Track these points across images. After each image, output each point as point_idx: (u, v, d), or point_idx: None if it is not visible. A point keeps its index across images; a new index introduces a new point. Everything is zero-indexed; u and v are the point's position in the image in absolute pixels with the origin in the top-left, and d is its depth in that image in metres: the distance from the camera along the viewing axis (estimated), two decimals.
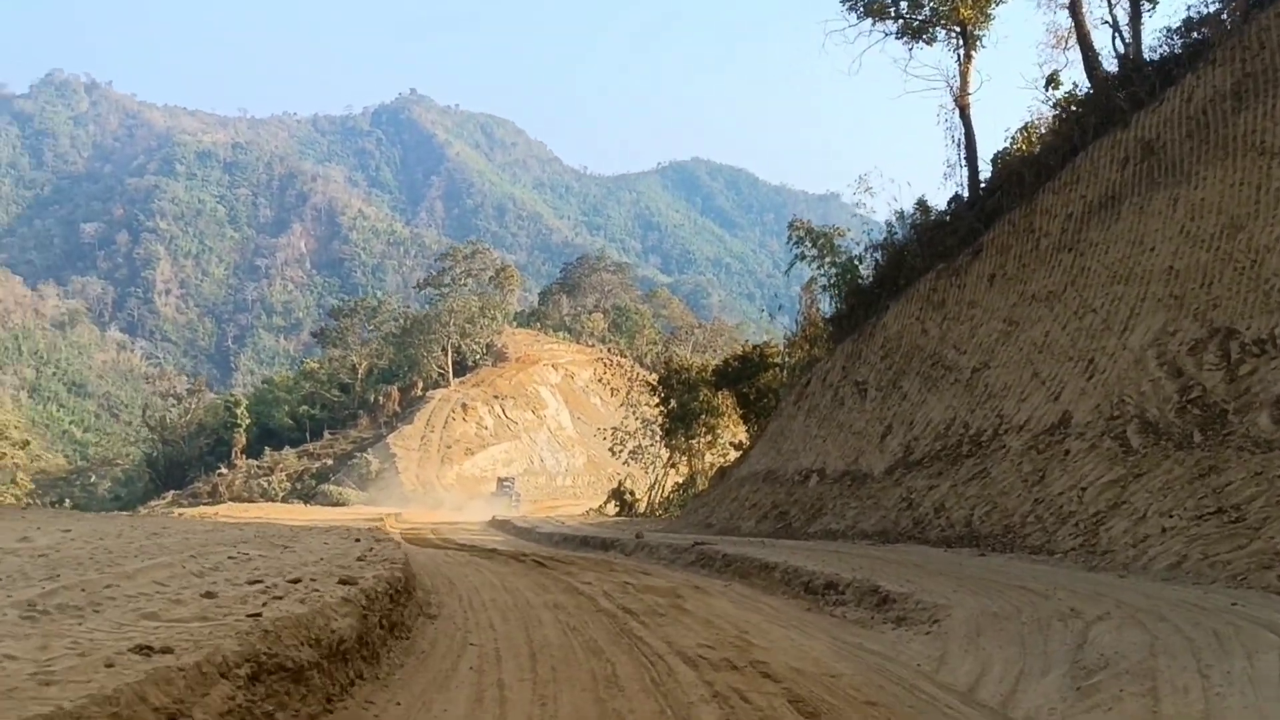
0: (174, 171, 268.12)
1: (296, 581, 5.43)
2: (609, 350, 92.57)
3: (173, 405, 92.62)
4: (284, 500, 66.16)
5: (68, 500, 67.75)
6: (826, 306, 26.05)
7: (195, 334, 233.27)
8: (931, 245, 20.01)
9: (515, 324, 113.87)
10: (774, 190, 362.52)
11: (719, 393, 36.46)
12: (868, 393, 19.71)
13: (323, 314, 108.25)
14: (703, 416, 38.21)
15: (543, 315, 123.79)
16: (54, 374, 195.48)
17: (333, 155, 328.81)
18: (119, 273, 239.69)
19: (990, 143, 22.99)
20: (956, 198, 21.29)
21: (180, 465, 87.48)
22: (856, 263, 23.92)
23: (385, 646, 5.59)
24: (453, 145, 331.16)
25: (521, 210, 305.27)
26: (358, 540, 11.51)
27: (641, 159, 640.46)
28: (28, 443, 32.52)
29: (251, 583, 5.39)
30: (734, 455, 38.73)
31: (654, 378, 45.48)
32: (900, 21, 22.68)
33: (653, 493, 45.91)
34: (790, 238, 26.11)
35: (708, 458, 39.41)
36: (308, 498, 68.04)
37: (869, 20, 22.86)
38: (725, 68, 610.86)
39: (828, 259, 24.93)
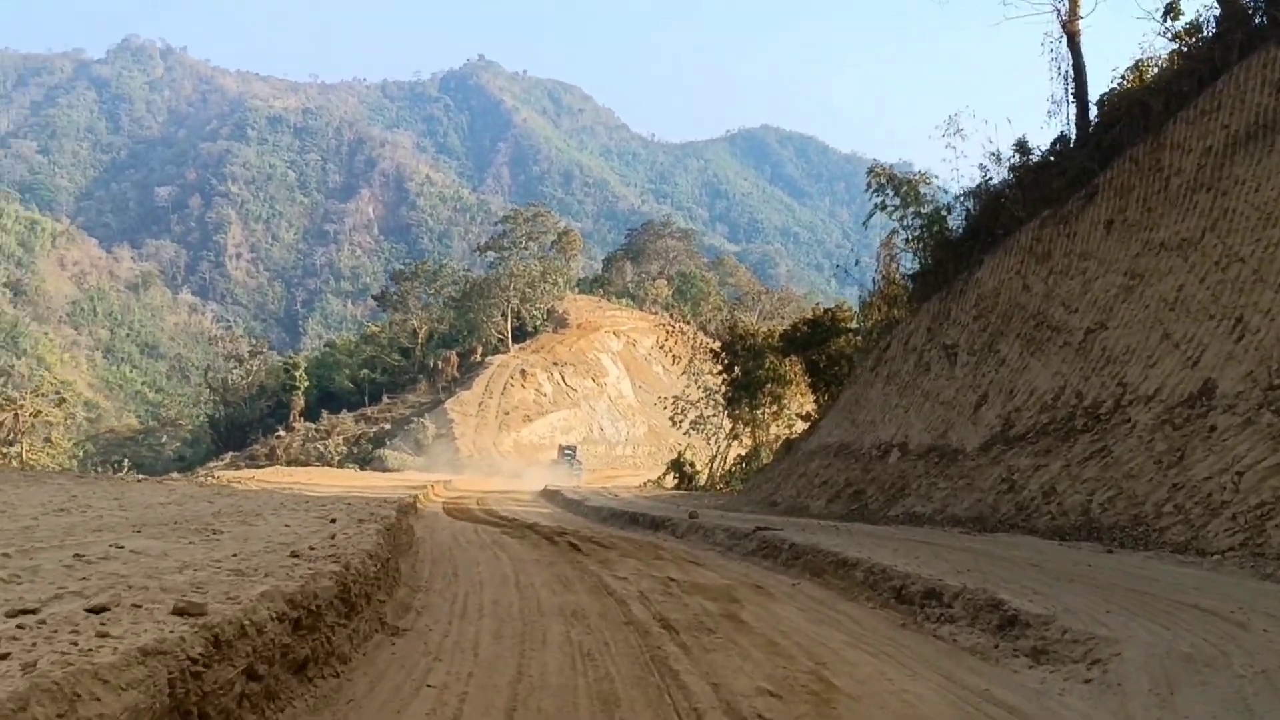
0: (246, 136, 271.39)
1: (100, 611, 3.41)
2: (672, 316, 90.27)
3: (234, 367, 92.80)
4: (339, 464, 65.40)
5: (126, 461, 67.91)
6: (909, 263, 23.58)
7: (265, 298, 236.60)
8: (1034, 190, 17.41)
9: (578, 290, 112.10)
10: (844, 159, 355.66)
11: (786, 359, 34.08)
12: (958, 357, 17.25)
13: (388, 279, 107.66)
14: (768, 385, 35.84)
15: (606, 281, 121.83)
16: (127, 335, 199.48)
17: (401, 121, 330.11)
18: (191, 236, 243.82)
19: (1096, 84, 20.48)
20: (1062, 137, 18.60)
21: (241, 427, 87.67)
22: (944, 213, 21.36)
23: (270, 702, 3.59)
24: (520, 111, 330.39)
25: (588, 177, 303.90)
26: (333, 520, 9.57)
27: (710, 126, 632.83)
28: (64, 400, 31.60)
29: (25, 612, 3.40)
30: (801, 427, 36.37)
31: (717, 344, 43.11)
32: None
33: (714, 465, 43.72)
34: (869, 185, 23.52)
35: (773, 429, 37.06)
36: (364, 462, 67.23)
37: None
38: (797, 29, 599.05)
39: (911, 209, 22.37)
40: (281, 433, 77.09)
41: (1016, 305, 16.37)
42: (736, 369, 37.58)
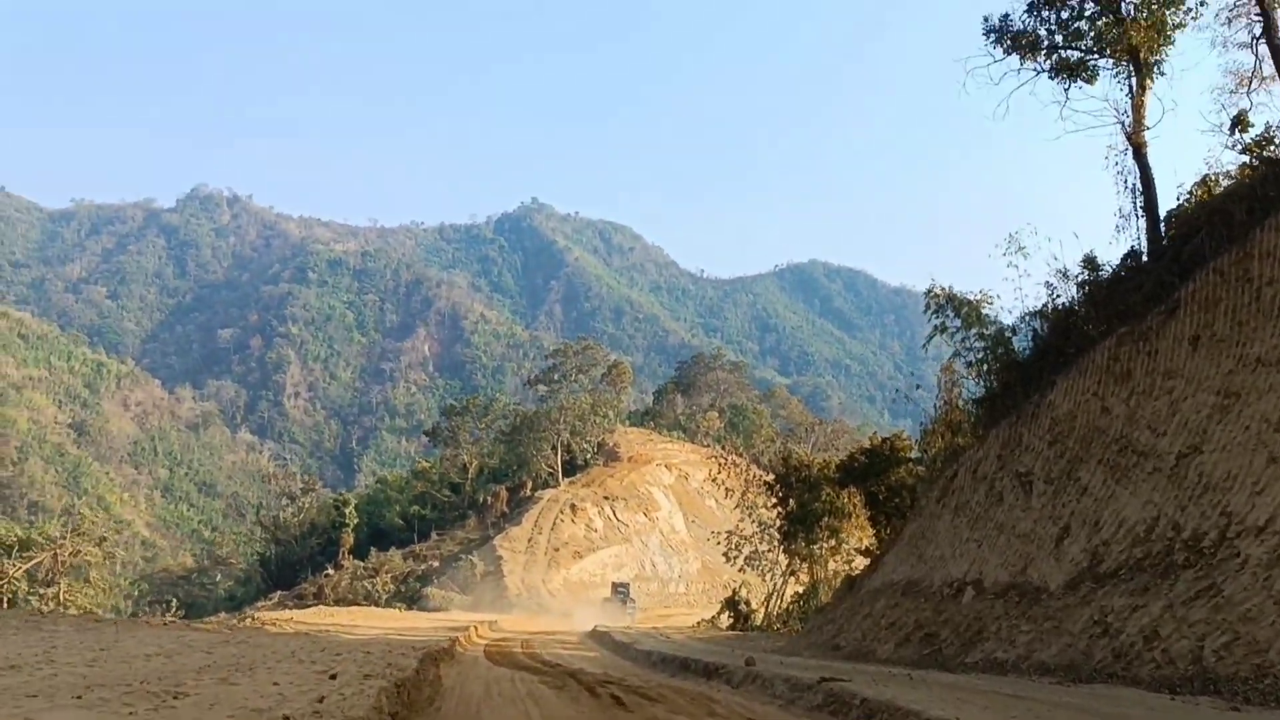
0: (306, 279, 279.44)
1: None
2: (724, 449, 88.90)
3: (287, 504, 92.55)
4: (386, 603, 63.98)
5: (175, 601, 67.14)
6: (972, 387, 22.37)
7: (321, 436, 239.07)
8: (1108, 306, 16.40)
9: (628, 422, 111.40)
10: (893, 292, 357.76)
11: (844, 491, 32.64)
12: (1033, 486, 15.93)
13: (440, 414, 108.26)
14: (825, 518, 34.30)
15: (657, 414, 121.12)
16: (186, 474, 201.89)
17: (457, 262, 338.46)
18: (251, 376, 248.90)
19: (1163, 198, 19.60)
20: (1133, 252, 17.66)
21: (292, 565, 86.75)
22: (1009, 334, 20.32)
23: None
24: (572, 251, 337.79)
25: (639, 313, 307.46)
26: (333, 676, 8.50)
27: (758, 261, 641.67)
28: (104, 539, 31.14)
29: None
30: (860, 562, 34.59)
31: (770, 477, 41.68)
32: (1055, 56, 19.48)
33: (770, 603, 41.70)
34: (927, 306, 22.61)
35: (831, 565, 35.29)
36: (411, 601, 65.75)
37: (1017, 57, 19.71)
38: (844, 168, 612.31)
39: (973, 330, 21.37)
40: (330, 571, 76.04)
41: (1096, 429, 15.15)
42: (791, 502, 36.14)
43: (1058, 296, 18.20)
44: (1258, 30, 18.62)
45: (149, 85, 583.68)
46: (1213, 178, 18.96)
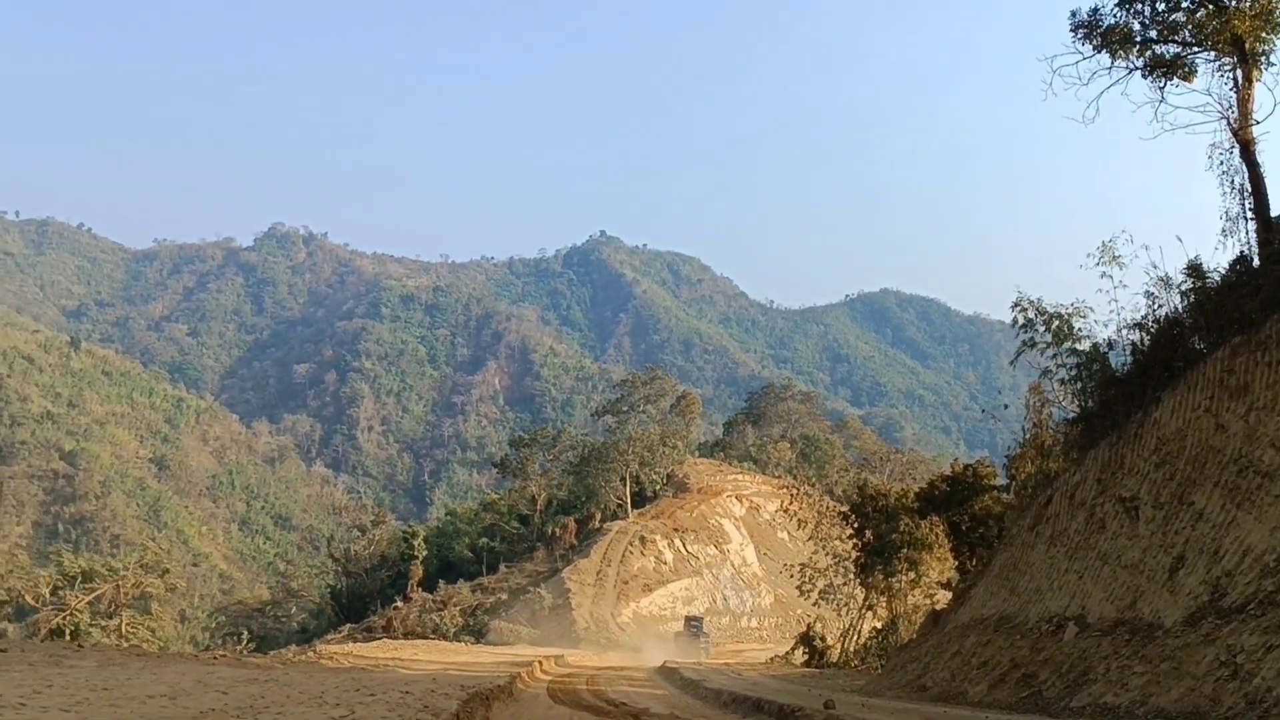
0: (379, 314, 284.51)
1: None
2: (796, 479, 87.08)
3: (358, 537, 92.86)
4: (455, 636, 63.38)
5: (246, 634, 67.50)
6: (1065, 406, 20.88)
7: (394, 469, 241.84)
8: (1219, 315, 14.97)
9: (697, 454, 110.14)
10: (967, 320, 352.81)
11: (925, 521, 31.08)
12: (1140, 512, 14.51)
13: (508, 446, 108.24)
14: (904, 550, 32.75)
15: (727, 445, 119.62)
16: (263, 508, 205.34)
17: (526, 296, 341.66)
18: (326, 410, 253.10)
19: (1275, 197, 17.97)
20: (1242, 257, 16.19)
21: (362, 598, 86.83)
22: (1105, 348, 18.83)
23: None
24: (640, 283, 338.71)
25: (708, 345, 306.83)
26: None
27: (828, 291, 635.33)
28: (167, 570, 30.96)
29: None
30: (942, 596, 32.90)
31: (845, 507, 40.17)
32: (1149, 52, 18.17)
33: (846, 640, 40.07)
34: (1014, 321, 21.13)
35: (910, 598, 33.66)
36: (479, 634, 65.07)
37: (1107, 55, 18.42)
38: (915, 194, 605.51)
39: (1065, 345, 19.90)
40: (399, 604, 75.83)
41: (1210, 448, 13.72)
42: (868, 533, 34.64)
43: (1159, 307, 16.78)
44: None
45: (228, 127, 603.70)
46: None
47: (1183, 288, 16.34)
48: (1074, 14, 18.48)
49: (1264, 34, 16.66)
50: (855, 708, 12.86)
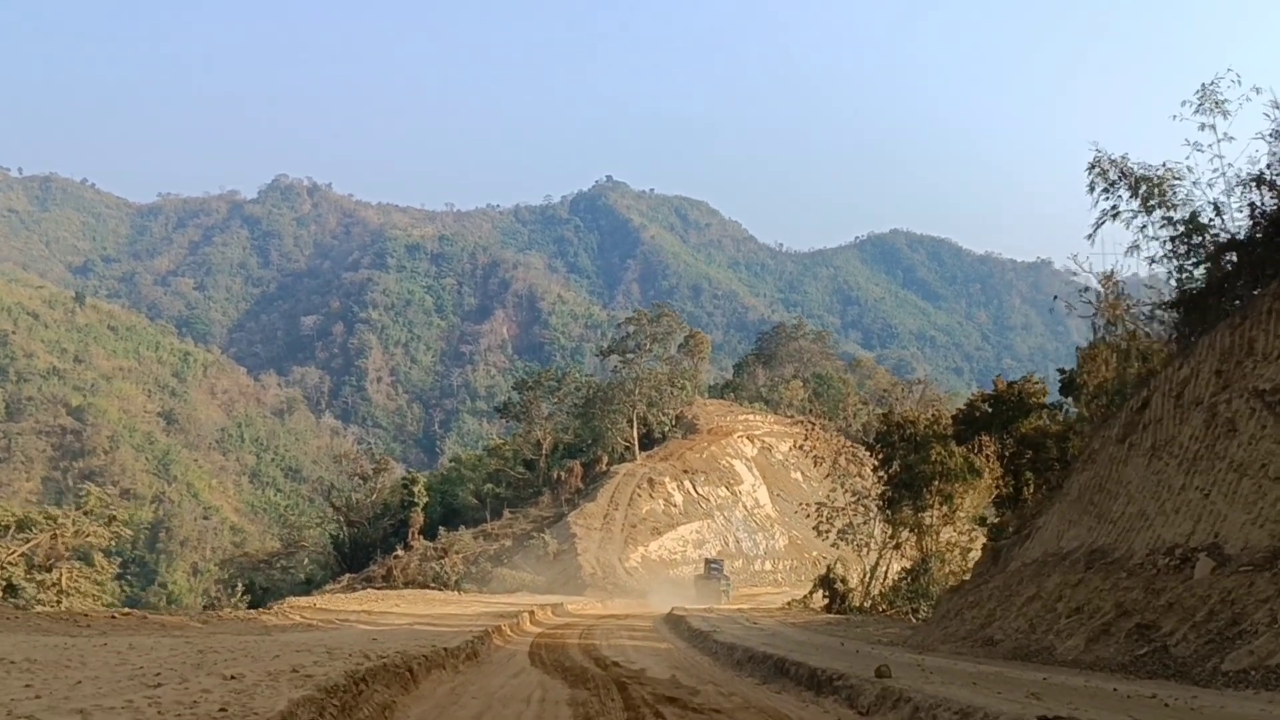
0: (385, 265, 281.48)
1: None
2: (811, 413, 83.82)
3: (359, 485, 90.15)
4: (456, 584, 60.68)
5: (240, 587, 64.97)
6: (1155, 291, 17.23)
7: (404, 419, 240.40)
8: None
9: (707, 396, 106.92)
10: (979, 260, 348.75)
11: (961, 449, 27.59)
12: None
13: (511, 389, 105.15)
14: (935, 482, 29.35)
15: (737, 386, 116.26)
16: (272, 459, 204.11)
17: (533, 243, 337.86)
18: (334, 362, 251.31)
19: None
20: None
21: (365, 547, 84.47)
22: (1214, 213, 15.06)
23: None
24: (648, 229, 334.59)
25: (717, 290, 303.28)
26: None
27: (838, 233, 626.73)
28: (113, 518, 27.96)
29: None
30: (979, 533, 29.60)
31: (869, 438, 36.66)
32: None
33: (869, 582, 36.84)
34: (1091, 187, 17.25)
35: (943, 535, 30.34)
36: (482, 582, 62.38)
37: None
38: (925, 132, 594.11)
39: (1157, 214, 16.16)
40: (400, 552, 73.19)
41: None
42: (895, 464, 31.17)
43: None
44: None
45: (229, 80, 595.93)
46: None
47: None
48: None
49: None
50: (915, 675, 9.52)
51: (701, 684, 11.21)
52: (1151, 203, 15.97)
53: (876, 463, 32.75)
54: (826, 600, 35.99)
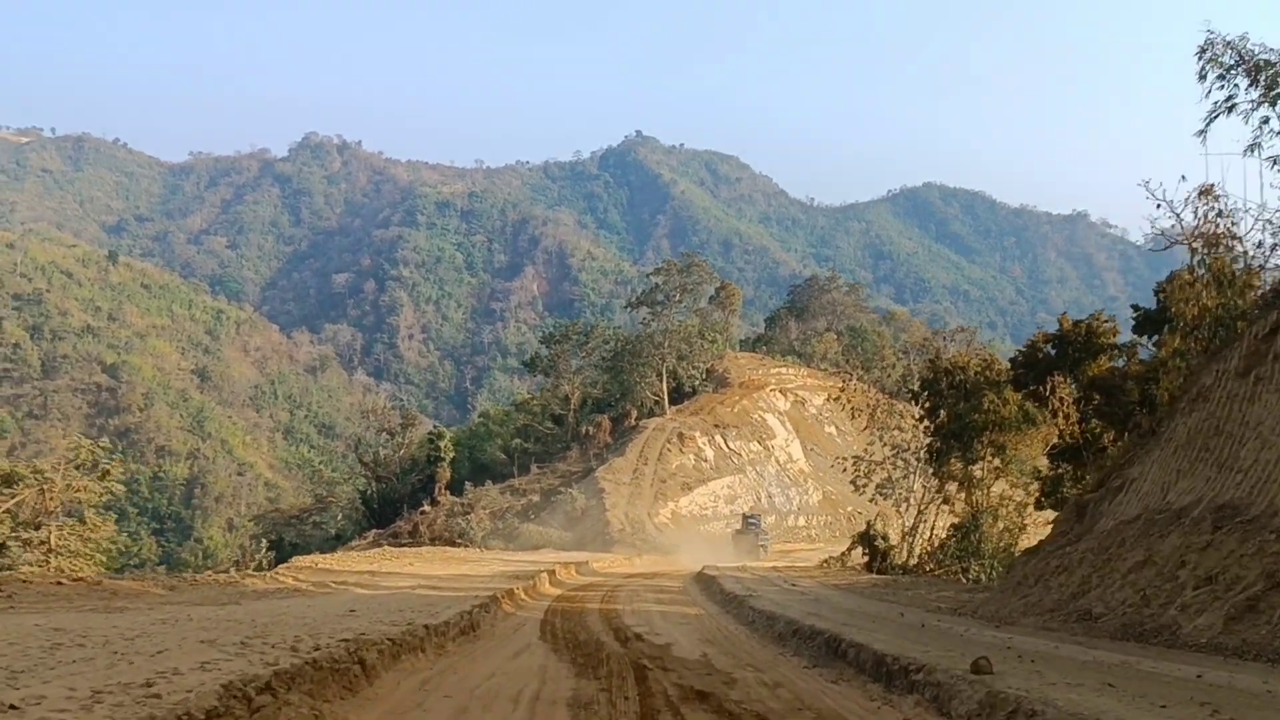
0: (416, 222, 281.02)
1: None
2: (849, 364, 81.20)
3: (386, 440, 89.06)
4: (483, 541, 59.18)
5: (263, 543, 63.96)
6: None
7: (436, 376, 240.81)
8: None
9: (738, 349, 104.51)
10: (1013, 213, 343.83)
11: (1018, 394, 25.17)
12: None
13: (539, 343, 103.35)
14: (987, 432, 27.03)
15: (769, 340, 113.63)
16: (306, 416, 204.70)
17: (563, 200, 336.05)
18: (366, 320, 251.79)
19: None
20: None
21: (393, 502, 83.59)
22: None
23: None
24: (678, 184, 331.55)
25: (748, 245, 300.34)
26: None
27: (870, 187, 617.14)
28: (106, 473, 26.43)
29: None
30: (1033, 487, 27.29)
31: (910, 388, 34.24)
32: None
33: (912, 539, 34.62)
34: (1201, 74, 14.65)
35: (995, 488, 28.06)
36: (509, 538, 60.92)
37: None
38: (959, 85, 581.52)
39: None
40: (426, 508, 71.96)
41: None
42: (942, 412, 28.82)
43: None
44: None
45: (255, 37, 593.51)
46: None
47: None
48: None
49: None
50: (1022, 670, 7.30)
51: (739, 667, 9.16)
52: (1276, 91, 13.50)
53: (922, 411, 30.39)
54: (866, 558, 33.87)
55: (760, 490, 75.61)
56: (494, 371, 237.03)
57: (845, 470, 51.84)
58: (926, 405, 29.73)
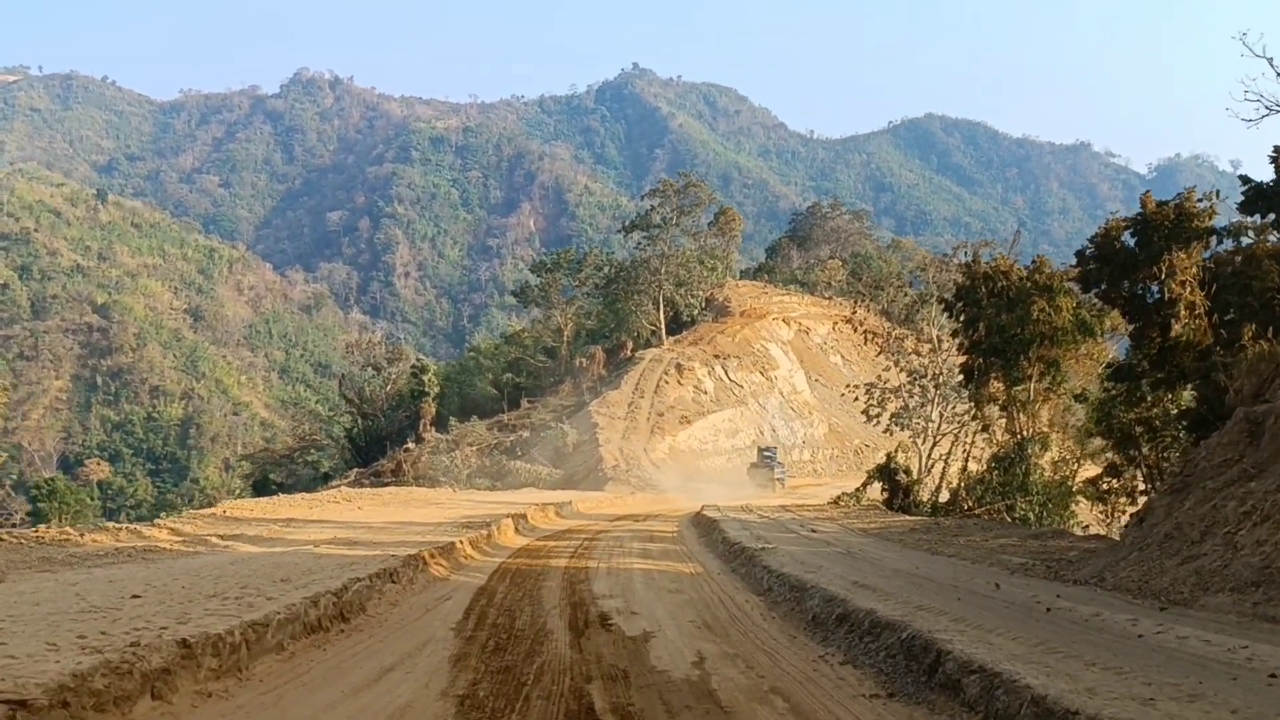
0: (410, 158, 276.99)
1: None
2: (861, 285, 77.09)
3: (372, 375, 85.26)
4: (469, 479, 55.37)
5: (240, 484, 60.55)
6: None
7: (433, 314, 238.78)
8: None
9: (739, 279, 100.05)
10: (1015, 144, 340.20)
11: (1077, 303, 20.87)
12: None
13: (529, 271, 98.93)
14: (1036, 345, 22.77)
15: (771, 269, 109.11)
16: (301, 355, 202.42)
17: (559, 134, 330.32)
18: (362, 258, 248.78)
19: None
20: None
21: (380, 439, 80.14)
22: None
23: None
24: (676, 117, 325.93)
25: (747, 179, 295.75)
26: None
27: (871, 118, 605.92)
28: None
29: None
30: (1078, 410, 23.13)
31: (949, 293, 29.71)
32: None
33: (940, 473, 30.49)
34: None
35: (1044, 414, 23.90)
36: (497, 477, 57.19)
37: None
38: (959, 12, 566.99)
39: None
40: (410, 445, 68.21)
41: None
42: (980, 326, 24.51)
43: None
44: None
45: None
46: None
47: None
48: None
49: None
50: None
51: (758, 697, 5.03)
52: None
53: (958, 325, 26.04)
54: (886, 494, 29.87)
55: (763, 423, 71.72)
56: (491, 309, 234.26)
57: (856, 399, 47.99)
58: (963, 318, 25.36)
